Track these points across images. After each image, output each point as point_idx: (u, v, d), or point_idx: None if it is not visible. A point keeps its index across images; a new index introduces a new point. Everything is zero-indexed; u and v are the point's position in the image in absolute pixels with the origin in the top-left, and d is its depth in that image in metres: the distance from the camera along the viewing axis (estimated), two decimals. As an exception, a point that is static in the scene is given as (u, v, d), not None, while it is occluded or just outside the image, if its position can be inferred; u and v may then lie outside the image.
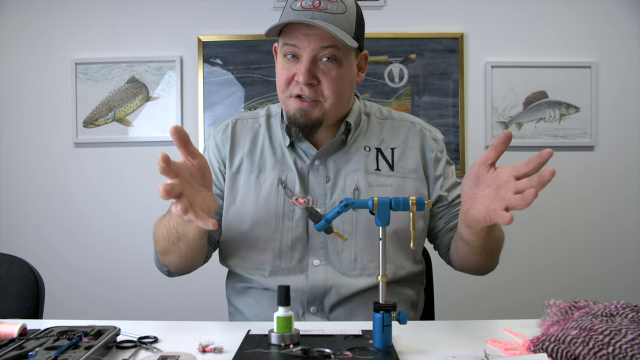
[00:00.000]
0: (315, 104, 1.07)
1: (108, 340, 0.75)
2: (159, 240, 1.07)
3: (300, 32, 1.03)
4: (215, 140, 1.21)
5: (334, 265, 1.10)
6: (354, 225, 1.10)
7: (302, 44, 1.03)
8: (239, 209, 1.13)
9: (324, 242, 1.11)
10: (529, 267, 2.27)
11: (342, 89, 1.08)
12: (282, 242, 1.10)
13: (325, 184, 1.13)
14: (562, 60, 2.30)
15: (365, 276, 1.09)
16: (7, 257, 1.23)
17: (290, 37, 1.05)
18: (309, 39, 1.03)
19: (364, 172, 1.13)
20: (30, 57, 2.32)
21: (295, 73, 1.06)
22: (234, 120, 1.23)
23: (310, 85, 1.05)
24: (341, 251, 1.10)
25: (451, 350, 0.77)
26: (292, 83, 1.07)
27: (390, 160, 1.16)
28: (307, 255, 1.11)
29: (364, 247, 1.10)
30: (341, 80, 1.07)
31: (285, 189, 1.12)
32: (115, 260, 2.30)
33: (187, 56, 2.31)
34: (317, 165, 1.14)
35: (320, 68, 1.05)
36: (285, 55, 1.07)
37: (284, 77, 1.08)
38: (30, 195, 2.32)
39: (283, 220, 1.11)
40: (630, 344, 0.64)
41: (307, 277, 1.09)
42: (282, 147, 1.16)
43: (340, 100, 1.09)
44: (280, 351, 0.75)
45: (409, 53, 2.29)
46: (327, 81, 1.05)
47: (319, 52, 1.03)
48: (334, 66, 1.05)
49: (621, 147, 2.32)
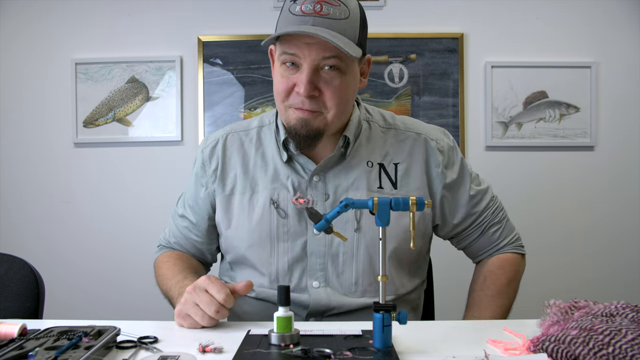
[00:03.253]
0: (317, 115, 1.01)
1: (108, 340, 0.75)
2: (159, 284, 1.16)
3: (301, 40, 0.96)
4: (202, 157, 1.17)
5: (334, 287, 1.08)
6: (355, 249, 1.08)
7: (303, 54, 0.97)
8: (234, 234, 1.12)
9: (323, 263, 1.08)
10: (528, 267, 2.25)
11: (345, 98, 1.02)
12: (279, 267, 1.08)
13: (324, 202, 1.08)
14: (562, 60, 2.30)
15: (366, 297, 1.08)
16: (7, 257, 1.23)
17: (289, 46, 0.98)
18: (311, 48, 0.96)
19: (366, 190, 1.08)
20: (30, 57, 2.31)
21: (296, 83, 0.99)
22: (225, 135, 1.17)
23: (312, 97, 0.99)
24: (342, 273, 1.08)
25: (451, 350, 0.76)
26: (293, 94, 1.01)
27: (394, 177, 1.11)
28: (306, 277, 1.08)
29: (365, 270, 1.08)
30: (344, 89, 1.01)
31: (277, 209, 1.08)
32: (115, 260, 2.30)
33: (187, 56, 2.31)
34: (316, 182, 1.09)
35: (322, 77, 0.99)
36: (284, 63, 1.00)
37: (283, 87, 1.01)
38: (30, 195, 2.32)
39: (278, 243, 1.08)
40: (630, 344, 0.64)
41: (309, 296, 1.07)
42: (275, 163, 1.11)
43: (343, 110, 1.04)
44: (280, 351, 0.75)
45: (409, 53, 2.29)
46: (329, 91, 0.99)
47: (320, 61, 0.97)
48: (337, 75, 0.99)
49: (621, 147, 2.32)
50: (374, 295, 1.07)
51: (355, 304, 1.07)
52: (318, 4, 0.95)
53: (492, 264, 1.20)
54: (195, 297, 0.90)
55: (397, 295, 1.11)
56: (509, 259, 1.20)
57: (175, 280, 1.08)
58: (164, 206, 2.27)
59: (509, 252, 1.21)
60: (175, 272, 1.11)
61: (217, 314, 0.88)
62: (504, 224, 1.21)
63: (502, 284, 1.17)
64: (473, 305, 1.17)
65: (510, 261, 1.20)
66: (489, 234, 1.19)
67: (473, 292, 1.19)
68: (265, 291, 1.10)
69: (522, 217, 2.34)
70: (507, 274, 1.18)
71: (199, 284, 0.91)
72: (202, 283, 0.91)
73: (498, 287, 1.16)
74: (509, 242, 1.21)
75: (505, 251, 1.21)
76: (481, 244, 1.20)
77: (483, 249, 1.21)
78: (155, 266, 1.20)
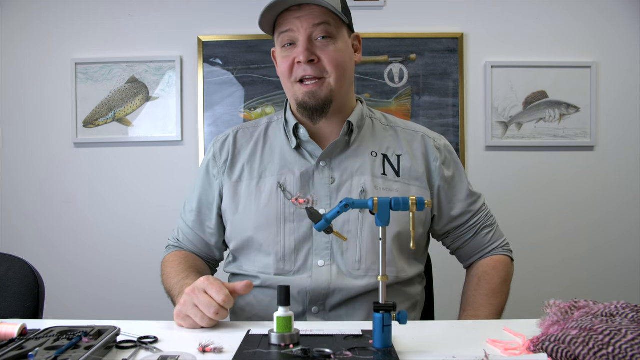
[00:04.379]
0: (321, 82, 1.10)
1: (108, 340, 0.75)
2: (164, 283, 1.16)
3: (291, 16, 1.08)
4: (213, 150, 1.23)
5: (338, 265, 1.10)
6: (359, 227, 1.11)
7: (296, 26, 1.08)
8: (242, 218, 1.15)
9: (328, 242, 1.11)
10: (529, 267, 2.26)
11: (342, 62, 1.11)
12: (285, 246, 1.11)
13: (330, 185, 1.13)
14: (562, 60, 2.30)
15: (369, 277, 1.10)
16: (7, 257, 1.23)
17: (283, 25, 1.09)
18: (301, 20, 1.07)
19: (370, 176, 1.14)
20: (30, 57, 2.31)
21: (295, 57, 1.09)
22: (236, 130, 1.25)
23: (311, 62, 1.08)
24: (346, 251, 1.10)
25: (451, 350, 0.76)
26: (295, 67, 1.10)
27: (397, 166, 1.17)
28: (312, 256, 1.11)
29: (369, 249, 1.10)
30: (340, 53, 1.10)
31: (284, 191, 1.13)
32: (115, 260, 2.30)
33: (187, 56, 2.31)
34: (322, 167, 1.14)
35: (317, 46, 1.09)
36: (283, 45, 1.11)
37: (286, 65, 1.11)
38: (30, 195, 2.32)
39: (285, 224, 1.12)
40: (630, 344, 0.64)
41: (310, 278, 1.09)
42: (284, 151, 1.17)
43: (343, 74, 1.12)
44: (280, 351, 0.75)
45: (409, 53, 2.29)
46: (326, 56, 1.09)
47: (313, 30, 1.08)
48: (330, 42, 1.09)
49: (621, 147, 2.32)
50: (376, 275, 1.08)
51: (355, 287, 1.09)
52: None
53: (486, 265, 1.23)
54: (195, 298, 0.90)
55: (398, 279, 1.13)
56: (501, 260, 1.24)
57: (177, 279, 1.09)
58: (163, 206, 2.28)
59: (500, 254, 1.25)
60: (179, 271, 1.13)
61: (217, 316, 0.88)
62: (495, 228, 1.27)
63: (496, 283, 1.19)
64: (468, 305, 1.18)
65: (502, 262, 1.23)
66: (482, 236, 1.24)
67: (467, 292, 1.22)
68: (270, 279, 1.11)
69: (521, 217, 2.35)
70: (501, 274, 1.21)
71: (197, 285, 0.91)
72: (201, 284, 0.91)
73: (492, 286, 1.19)
74: (499, 245, 1.25)
75: (497, 253, 1.25)
76: (474, 245, 1.24)
77: (475, 250, 1.25)
78: (162, 266, 1.22)
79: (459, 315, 1.19)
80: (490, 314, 1.14)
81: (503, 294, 1.19)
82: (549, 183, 2.29)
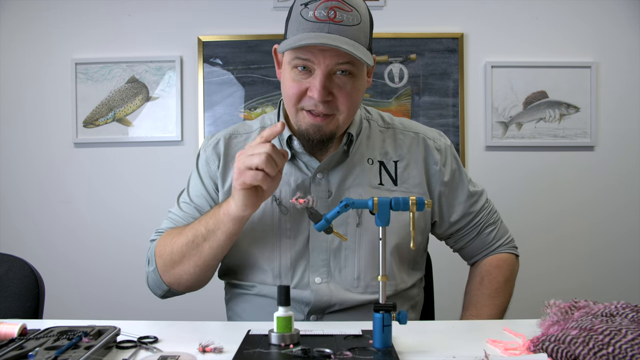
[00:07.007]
0: (331, 119, 1.02)
1: (108, 340, 0.75)
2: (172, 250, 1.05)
3: (316, 47, 0.96)
4: (205, 155, 1.16)
5: (336, 282, 1.08)
6: (357, 243, 1.08)
7: (317, 60, 0.97)
8: None
9: (325, 259, 1.08)
10: (529, 267, 2.26)
11: (356, 101, 1.04)
12: (282, 262, 1.08)
13: (327, 199, 1.09)
14: (562, 60, 2.30)
15: (368, 293, 1.08)
16: (7, 257, 1.23)
17: (303, 52, 0.97)
18: (325, 54, 0.96)
19: (367, 187, 1.10)
20: (30, 57, 2.31)
21: (308, 87, 0.99)
22: (227, 135, 1.17)
23: (325, 101, 0.99)
24: (344, 268, 1.08)
25: (451, 350, 0.77)
26: (305, 98, 1.01)
27: (394, 174, 1.13)
28: (308, 273, 1.08)
29: (367, 265, 1.08)
30: (356, 92, 1.03)
31: (280, 205, 1.09)
32: (115, 260, 2.30)
33: (187, 56, 2.31)
34: (319, 179, 1.10)
35: (335, 82, 0.99)
36: (296, 67, 1.00)
37: (294, 91, 1.01)
38: (30, 195, 2.32)
39: (281, 239, 1.08)
40: (630, 344, 0.64)
41: (311, 292, 1.07)
42: None
43: (354, 112, 1.06)
44: (280, 351, 0.75)
45: (409, 53, 2.29)
46: (342, 95, 1.00)
47: (334, 67, 0.98)
48: (349, 80, 1.00)
49: (621, 147, 2.32)
50: (375, 291, 1.07)
51: (356, 300, 1.07)
52: (332, 10, 0.95)
53: (489, 264, 1.21)
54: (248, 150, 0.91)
55: (397, 291, 1.11)
56: (505, 258, 1.22)
57: (197, 222, 1.03)
58: (163, 206, 2.25)
59: (504, 252, 1.23)
60: (192, 224, 1.05)
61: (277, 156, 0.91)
62: (499, 225, 1.24)
63: (499, 282, 1.18)
64: (470, 304, 1.18)
65: (506, 261, 1.22)
66: (485, 235, 1.22)
67: (470, 292, 1.21)
68: (267, 288, 1.09)
69: (522, 217, 2.35)
70: (504, 273, 1.20)
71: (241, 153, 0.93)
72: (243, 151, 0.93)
73: (495, 286, 1.18)
74: (504, 243, 1.24)
75: (501, 251, 1.23)
76: (477, 244, 1.23)
77: (479, 249, 1.23)
78: (156, 254, 1.11)
79: (461, 314, 1.18)
80: (493, 314, 1.13)
81: (506, 293, 1.18)
82: (548, 183, 2.29)
